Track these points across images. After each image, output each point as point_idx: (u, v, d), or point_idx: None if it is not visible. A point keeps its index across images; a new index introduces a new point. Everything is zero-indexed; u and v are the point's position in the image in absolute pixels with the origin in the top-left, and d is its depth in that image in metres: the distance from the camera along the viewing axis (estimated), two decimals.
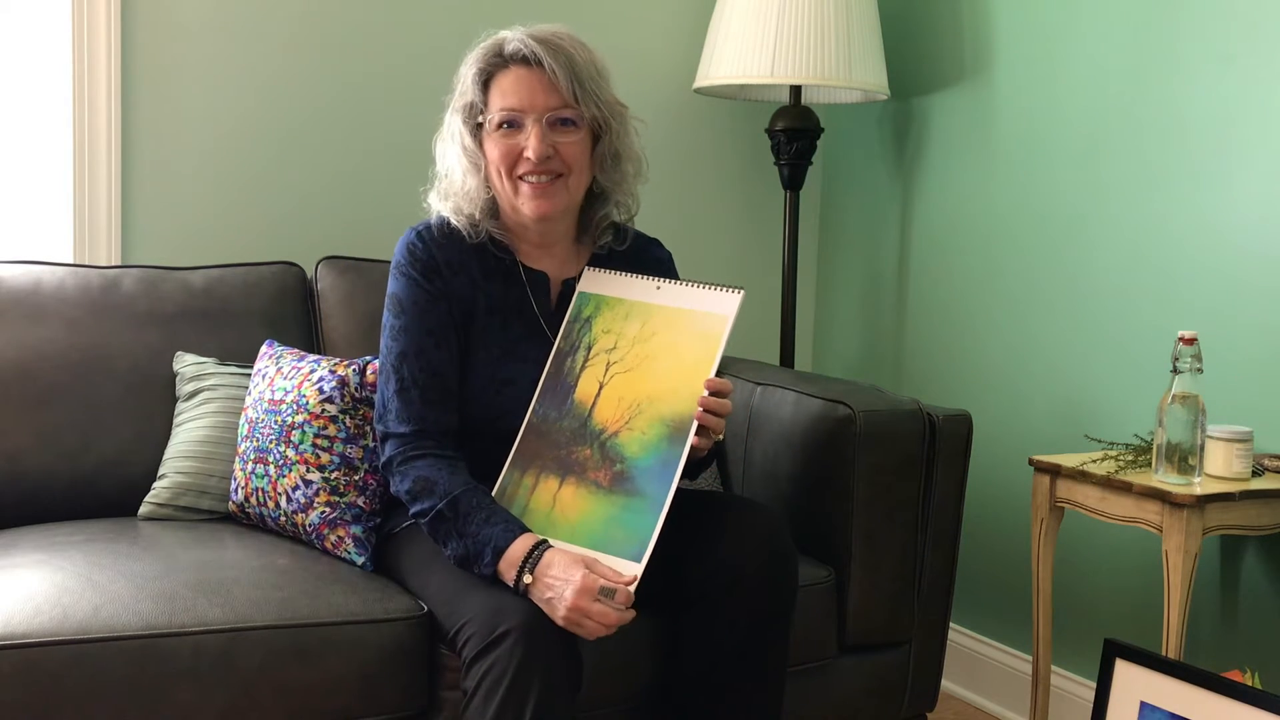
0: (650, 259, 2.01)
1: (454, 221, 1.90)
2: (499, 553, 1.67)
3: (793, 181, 2.81)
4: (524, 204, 1.86)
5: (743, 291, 1.77)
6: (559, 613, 1.61)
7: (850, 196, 3.08)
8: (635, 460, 1.72)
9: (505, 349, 1.89)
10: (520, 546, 1.66)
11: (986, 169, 2.67)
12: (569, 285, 1.94)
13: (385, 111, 2.69)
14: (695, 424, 1.71)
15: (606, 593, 1.61)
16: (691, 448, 1.72)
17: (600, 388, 1.80)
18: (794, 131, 2.77)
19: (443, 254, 1.89)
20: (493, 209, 1.91)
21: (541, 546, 1.67)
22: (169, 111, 2.53)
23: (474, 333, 1.89)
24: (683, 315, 1.80)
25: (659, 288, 1.84)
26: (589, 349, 1.83)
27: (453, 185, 1.90)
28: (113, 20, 2.44)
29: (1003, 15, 2.63)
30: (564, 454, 1.77)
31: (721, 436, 1.80)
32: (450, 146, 1.90)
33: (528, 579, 1.64)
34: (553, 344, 1.89)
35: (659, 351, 1.78)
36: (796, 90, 2.78)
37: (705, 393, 1.72)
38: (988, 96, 2.67)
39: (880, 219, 2.98)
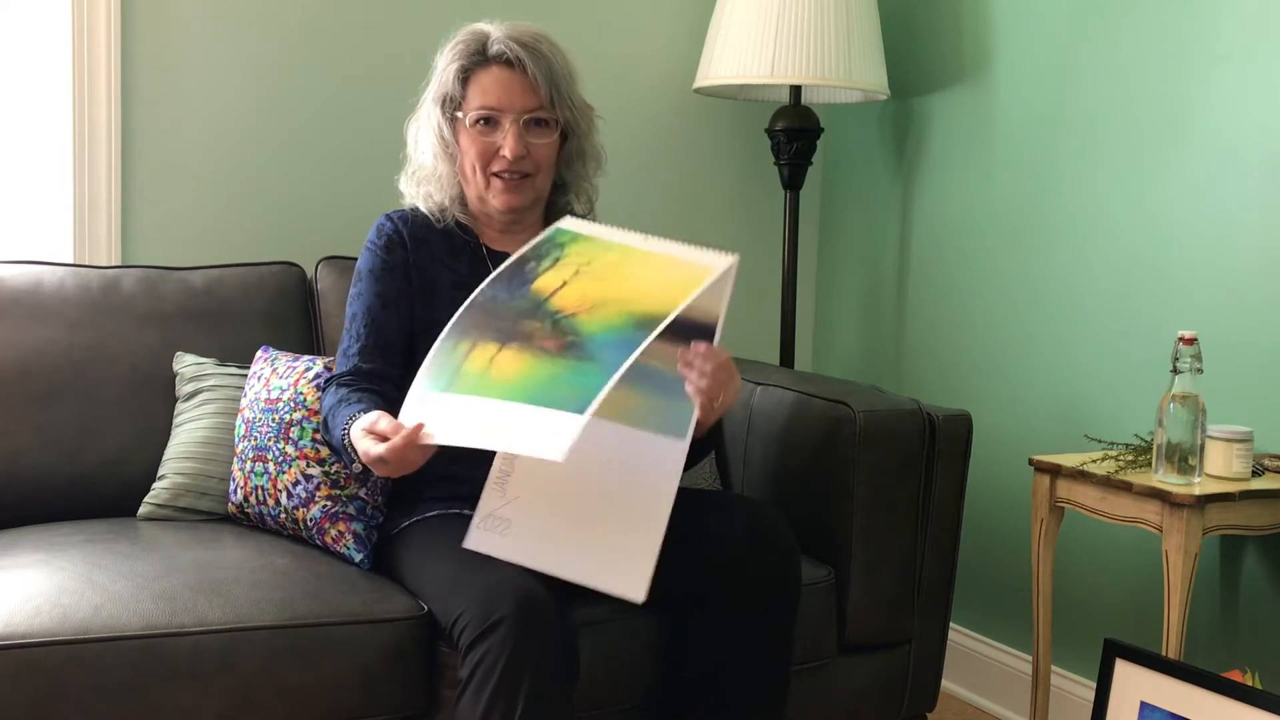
0: None
1: (423, 208, 2.01)
2: (344, 449, 1.78)
3: (793, 181, 2.81)
4: (494, 198, 1.96)
5: (737, 256, 1.68)
6: (378, 472, 1.71)
7: (850, 196, 3.08)
8: (591, 335, 1.60)
9: None
10: (344, 437, 1.77)
11: (986, 169, 2.67)
12: None
13: (385, 112, 2.68)
14: (669, 321, 1.59)
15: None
16: (697, 420, 1.69)
17: (564, 284, 1.70)
18: (794, 131, 2.77)
19: (409, 230, 2.00)
20: (460, 196, 2.01)
21: (348, 427, 1.76)
22: (169, 111, 2.53)
23: (438, 306, 1.94)
24: (666, 259, 1.71)
25: (645, 238, 1.76)
26: (557, 259, 1.75)
27: (423, 170, 2.01)
28: (113, 20, 2.44)
29: (1003, 15, 2.63)
30: (508, 325, 1.66)
31: (729, 403, 1.76)
32: (425, 134, 2.00)
33: (358, 467, 1.76)
34: None
35: (636, 272, 1.69)
36: (796, 90, 2.78)
37: (682, 305, 1.61)
38: (988, 96, 2.67)
39: (880, 219, 2.98)
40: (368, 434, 1.70)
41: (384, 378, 1.92)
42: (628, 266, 1.71)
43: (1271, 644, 2.11)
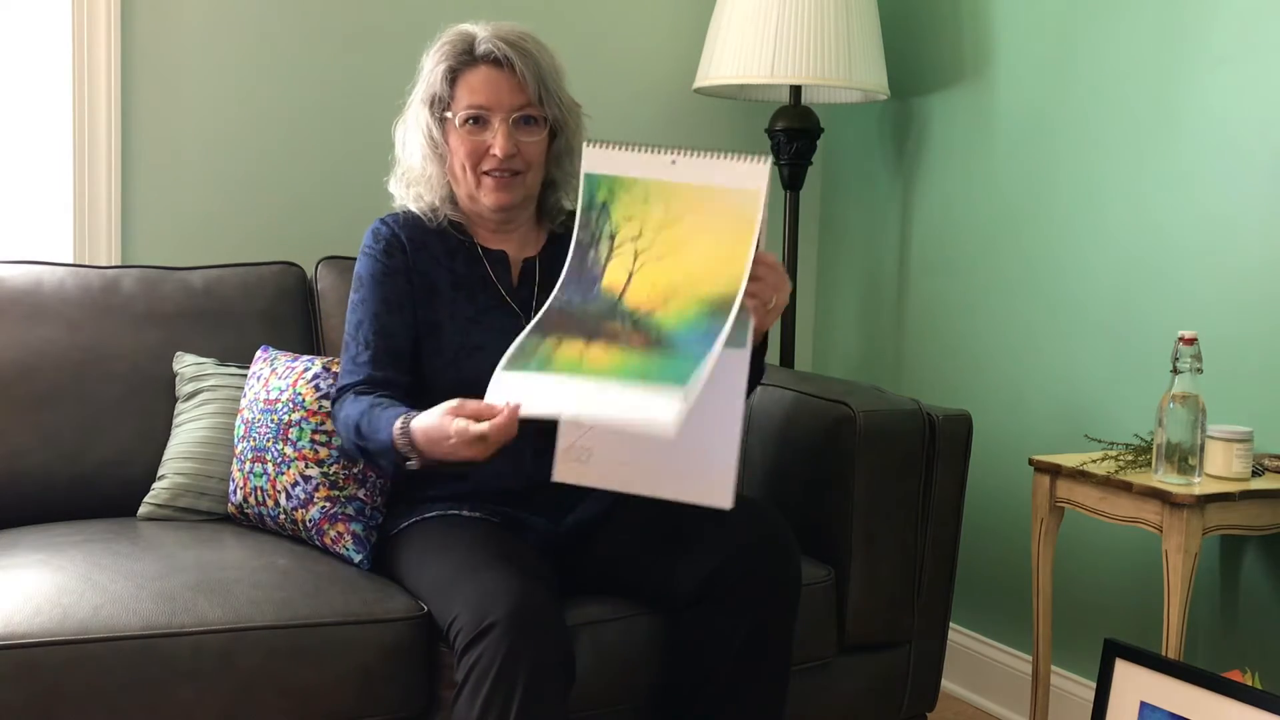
0: None
1: (414, 208, 2.01)
2: (393, 449, 1.73)
3: (793, 181, 2.81)
4: (485, 196, 1.96)
5: (769, 159, 1.69)
6: (465, 456, 1.65)
7: (850, 196, 3.08)
8: (673, 331, 1.62)
9: (472, 318, 1.96)
10: (396, 434, 1.73)
11: (986, 169, 2.67)
12: (529, 264, 2.01)
13: (386, 111, 2.67)
14: (740, 302, 1.62)
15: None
16: (754, 329, 1.68)
17: (630, 276, 1.71)
18: (794, 131, 2.77)
19: (406, 232, 1.99)
20: (450, 196, 2.01)
21: (405, 424, 1.72)
22: (169, 111, 2.53)
23: (439, 306, 1.95)
24: (708, 194, 1.70)
25: (674, 161, 1.73)
26: (612, 238, 1.75)
27: (412, 172, 2.00)
28: (113, 20, 2.44)
29: (1003, 15, 2.63)
30: (591, 324, 1.67)
31: (783, 305, 1.75)
32: (413, 135, 2.00)
33: (415, 463, 1.72)
34: (517, 317, 1.91)
35: (690, 236, 1.70)
36: (796, 90, 2.78)
37: (745, 276, 1.64)
38: (988, 96, 2.67)
39: (880, 219, 2.98)
40: (456, 415, 1.65)
41: (397, 386, 1.90)
42: (678, 229, 1.70)
43: (1271, 644, 2.11)
